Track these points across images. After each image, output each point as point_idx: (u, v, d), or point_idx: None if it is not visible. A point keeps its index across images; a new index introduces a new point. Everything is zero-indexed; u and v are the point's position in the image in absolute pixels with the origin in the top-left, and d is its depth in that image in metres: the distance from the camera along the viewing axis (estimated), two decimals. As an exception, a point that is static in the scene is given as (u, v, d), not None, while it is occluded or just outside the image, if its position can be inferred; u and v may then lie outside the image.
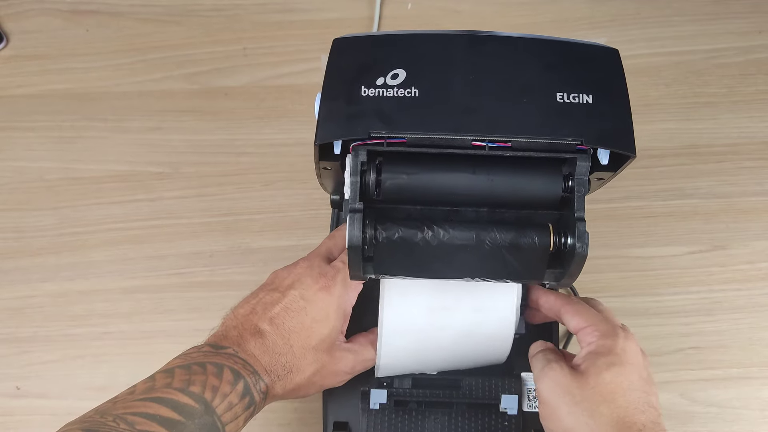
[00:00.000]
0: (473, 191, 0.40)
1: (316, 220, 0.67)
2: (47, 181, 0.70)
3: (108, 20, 0.76)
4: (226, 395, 0.41)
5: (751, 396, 0.62)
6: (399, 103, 0.38)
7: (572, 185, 0.39)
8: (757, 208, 0.69)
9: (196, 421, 0.39)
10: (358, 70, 0.39)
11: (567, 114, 0.38)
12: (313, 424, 0.59)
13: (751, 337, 0.64)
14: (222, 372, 0.42)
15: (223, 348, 0.45)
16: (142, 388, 0.41)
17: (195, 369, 0.42)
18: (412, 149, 0.39)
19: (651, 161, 0.72)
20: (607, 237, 0.68)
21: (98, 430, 0.36)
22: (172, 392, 0.40)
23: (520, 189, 0.40)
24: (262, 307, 0.47)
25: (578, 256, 0.39)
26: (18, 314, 0.65)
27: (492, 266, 0.41)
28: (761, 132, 0.73)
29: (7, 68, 0.74)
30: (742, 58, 0.76)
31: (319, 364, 0.47)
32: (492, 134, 0.38)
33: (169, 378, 0.41)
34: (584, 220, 0.39)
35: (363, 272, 0.41)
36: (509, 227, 0.41)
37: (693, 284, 0.66)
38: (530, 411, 0.51)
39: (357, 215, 0.39)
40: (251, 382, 0.44)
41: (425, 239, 0.40)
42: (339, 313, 0.48)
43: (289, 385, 0.46)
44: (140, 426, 0.37)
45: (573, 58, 0.40)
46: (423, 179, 0.40)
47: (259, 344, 0.45)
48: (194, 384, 0.41)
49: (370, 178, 0.40)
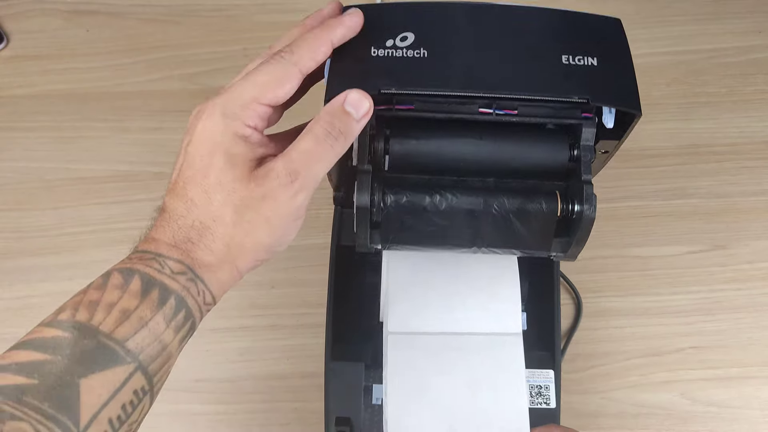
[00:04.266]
0: (480, 158, 0.41)
1: (316, 220, 0.67)
2: (47, 181, 0.70)
3: (108, 20, 0.76)
4: (112, 305, 0.32)
5: (751, 396, 0.62)
6: (408, 63, 0.39)
7: (578, 154, 0.40)
8: (757, 207, 0.69)
9: (67, 352, 0.30)
10: (368, 34, 0.40)
11: (572, 74, 0.39)
12: (314, 424, 0.59)
13: (751, 337, 0.64)
14: (108, 280, 0.33)
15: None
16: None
17: (75, 297, 0.33)
18: (421, 114, 0.40)
19: (651, 161, 0.72)
20: (607, 237, 0.68)
21: None
22: (36, 331, 0.32)
23: (527, 157, 0.41)
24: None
25: (586, 219, 0.39)
26: (18, 314, 0.65)
27: (499, 234, 0.41)
28: (761, 132, 0.73)
29: (7, 68, 0.74)
30: (742, 58, 0.76)
31: (236, 200, 0.35)
32: (499, 92, 0.38)
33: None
34: (591, 183, 0.39)
35: (370, 241, 0.41)
36: (517, 193, 0.41)
37: (693, 284, 0.66)
38: (531, 407, 0.51)
39: (365, 176, 0.39)
40: (154, 269, 0.33)
41: (433, 203, 0.40)
42: (227, 130, 0.35)
43: (216, 247, 0.35)
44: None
45: (577, 25, 0.41)
46: (430, 145, 0.41)
47: (160, 223, 0.35)
48: (64, 311, 0.32)
49: (379, 146, 0.40)
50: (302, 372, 0.61)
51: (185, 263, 0.34)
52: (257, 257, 0.37)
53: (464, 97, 0.39)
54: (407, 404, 0.46)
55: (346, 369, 0.53)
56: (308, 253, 0.66)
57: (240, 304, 0.64)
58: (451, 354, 0.47)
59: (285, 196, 0.35)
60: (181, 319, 0.33)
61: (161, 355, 0.32)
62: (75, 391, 0.29)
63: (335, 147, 0.36)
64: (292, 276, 0.65)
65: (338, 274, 0.56)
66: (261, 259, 0.37)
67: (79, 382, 0.29)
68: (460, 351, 0.47)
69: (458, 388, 0.46)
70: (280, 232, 0.36)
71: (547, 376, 0.55)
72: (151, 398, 0.33)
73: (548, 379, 0.55)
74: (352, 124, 0.36)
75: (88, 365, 0.30)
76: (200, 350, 0.62)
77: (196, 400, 0.60)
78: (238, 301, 0.64)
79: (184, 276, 0.34)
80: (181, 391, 0.60)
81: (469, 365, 0.47)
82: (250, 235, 0.35)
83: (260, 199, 0.35)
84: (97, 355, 0.30)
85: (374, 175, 0.39)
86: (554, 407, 0.53)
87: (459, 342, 0.48)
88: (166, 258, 0.34)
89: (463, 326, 0.48)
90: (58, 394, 0.29)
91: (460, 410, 0.46)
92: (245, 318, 0.63)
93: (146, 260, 0.34)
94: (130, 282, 0.33)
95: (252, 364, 0.61)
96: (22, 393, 0.29)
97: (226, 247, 0.35)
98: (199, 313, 0.35)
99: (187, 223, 0.35)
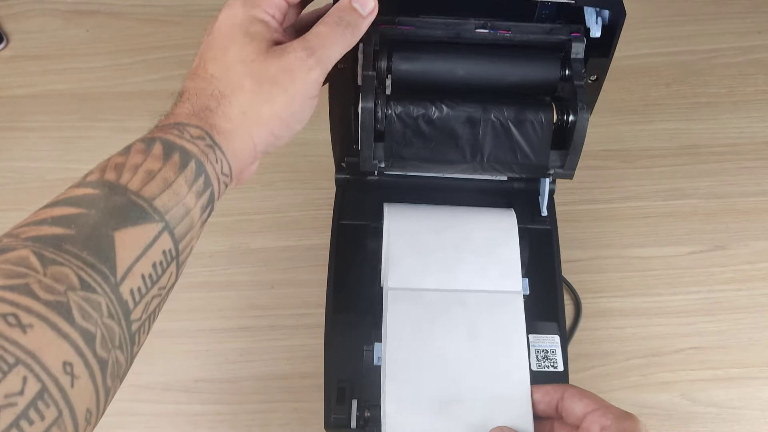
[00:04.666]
0: (478, 76, 0.44)
1: (316, 220, 0.67)
2: (47, 181, 0.70)
3: (108, 20, 0.76)
4: (137, 166, 0.33)
5: (751, 396, 0.62)
6: None
7: (570, 73, 0.43)
8: (757, 208, 0.69)
9: (100, 206, 0.31)
10: None
11: None
12: (314, 424, 0.59)
13: (751, 337, 0.64)
14: (130, 148, 0.34)
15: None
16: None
17: (99, 164, 0.34)
18: (421, 31, 0.43)
19: (651, 161, 0.72)
20: (607, 237, 0.68)
21: None
22: (68, 191, 0.32)
23: (522, 73, 0.44)
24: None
25: (581, 120, 0.41)
26: (18, 314, 0.65)
27: (499, 144, 0.44)
28: (761, 132, 0.73)
29: (7, 68, 0.74)
30: (742, 58, 0.76)
31: (255, 70, 0.37)
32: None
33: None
34: (584, 87, 0.42)
35: (374, 155, 0.43)
36: (514, 103, 0.44)
37: (693, 284, 0.66)
38: (538, 370, 0.51)
39: (370, 80, 0.42)
40: (174, 135, 0.34)
41: (435, 110, 0.43)
42: (246, 14, 0.38)
43: (233, 113, 0.36)
44: (27, 234, 0.30)
45: None
46: (431, 65, 0.44)
47: (179, 103, 0.37)
48: (91, 174, 0.33)
49: (382, 65, 0.43)
50: (302, 372, 0.61)
51: (203, 128, 0.35)
52: (272, 129, 0.38)
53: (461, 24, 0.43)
54: (406, 357, 0.46)
55: (347, 321, 0.53)
56: (308, 254, 0.66)
57: (240, 304, 0.64)
58: (451, 308, 0.48)
59: (301, 70, 0.37)
60: (201, 185, 0.34)
61: (185, 220, 0.33)
62: (110, 243, 0.30)
63: (345, 35, 0.39)
64: (292, 276, 0.65)
65: (339, 247, 0.57)
66: (275, 135, 0.38)
67: (113, 235, 0.30)
68: (460, 306, 0.48)
69: (458, 340, 0.47)
70: (296, 106, 0.38)
71: (553, 341, 0.55)
72: (177, 267, 0.33)
73: (554, 344, 0.55)
74: (359, 19, 0.39)
75: (120, 220, 0.31)
76: (200, 350, 0.62)
77: (196, 401, 0.60)
78: (238, 301, 0.64)
79: (202, 141, 0.35)
80: (181, 392, 0.60)
81: (470, 319, 0.47)
82: (267, 103, 0.37)
83: (278, 71, 0.37)
84: (128, 210, 0.31)
85: (378, 89, 0.43)
86: (562, 370, 0.53)
87: (459, 298, 0.48)
88: (185, 125, 0.35)
89: (463, 284, 0.49)
90: (95, 244, 0.29)
91: (460, 362, 0.46)
92: (245, 318, 0.63)
93: (166, 129, 0.35)
94: (152, 147, 0.33)
95: (252, 365, 0.61)
96: (61, 241, 0.29)
97: (243, 114, 0.36)
98: (217, 184, 0.35)
99: (206, 94, 0.36)
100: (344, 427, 0.48)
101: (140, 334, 0.32)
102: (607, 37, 0.44)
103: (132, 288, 0.30)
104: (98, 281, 0.29)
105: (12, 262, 0.28)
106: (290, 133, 0.39)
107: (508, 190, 0.59)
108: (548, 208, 0.57)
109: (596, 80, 0.46)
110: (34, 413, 0.25)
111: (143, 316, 0.31)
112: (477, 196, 0.57)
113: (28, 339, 0.26)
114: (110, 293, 0.29)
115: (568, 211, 0.68)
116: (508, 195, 0.59)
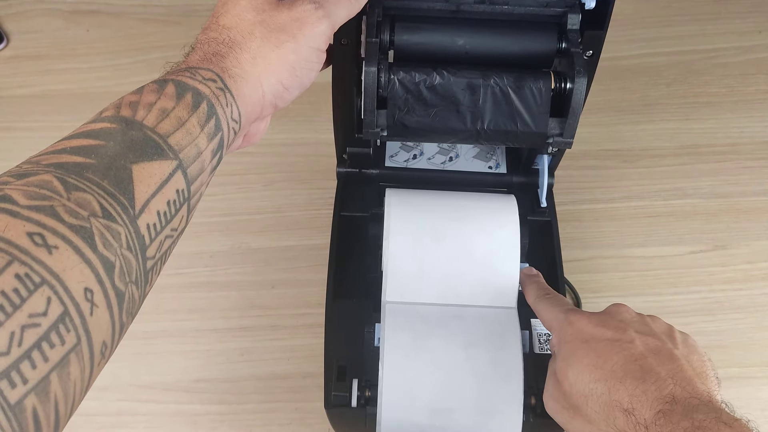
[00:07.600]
0: (477, 48, 0.45)
1: (316, 220, 0.67)
2: (47, 181, 0.70)
3: (108, 20, 0.76)
4: (151, 104, 0.33)
5: (751, 396, 0.62)
6: None
7: (566, 46, 0.45)
8: (758, 208, 0.69)
9: (118, 138, 0.31)
10: None
11: None
12: (315, 424, 0.59)
13: (751, 337, 0.64)
14: (143, 88, 0.35)
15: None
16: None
17: (113, 102, 0.35)
18: (423, 3, 0.45)
19: (652, 161, 0.72)
20: (607, 237, 0.68)
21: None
22: (84, 126, 0.33)
23: (520, 46, 0.46)
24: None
25: (578, 83, 0.42)
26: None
27: (499, 110, 0.44)
28: (762, 132, 0.73)
29: (7, 68, 0.74)
30: (742, 58, 0.76)
31: (266, 17, 0.38)
32: None
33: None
34: (581, 53, 0.43)
35: (376, 122, 0.44)
36: (513, 71, 0.45)
37: (694, 284, 0.66)
38: (541, 353, 0.51)
39: (373, 46, 0.43)
40: (186, 77, 0.35)
41: (436, 76, 0.44)
42: None
43: (243, 58, 0.37)
44: (48, 160, 0.30)
45: None
46: (431, 34, 0.45)
47: (196, 50, 0.38)
48: (106, 110, 0.33)
49: (385, 37, 0.44)
50: (302, 372, 0.61)
51: (214, 71, 0.36)
52: (281, 78, 0.38)
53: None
54: (403, 369, 0.46)
55: (347, 305, 0.53)
56: (308, 254, 0.66)
57: (240, 304, 0.64)
58: (447, 320, 0.48)
59: (311, 20, 0.38)
60: (213, 127, 0.34)
61: (197, 161, 0.33)
62: (129, 175, 0.30)
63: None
64: (292, 276, 0.65)
65: (340, 236, 0.57)
66: (284, 84, 0.39)
67: (131, 167, 0.30)
68: (456, 318, 0.48)
69: (454, 348, 0.47)
70: (304, 53, 0.39)
71: None
72: (188, 211, 0.33)
73: None
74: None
75: (137, 153, 0.31)
76: (201, 350, 0.62)
77: (196, 401, 0.60)
78: (239, 301, 0.64)
79: (214, 83, 0.35)
80: (181, 392, 0.60)
81: (466, 330, 0.48)
82: (276, 49, 0.38)
83: (288, 20, 0.38)
84: (144, 145, 0.31)
85: (381, 57, 0.44)
86: None
87: (455, 311, 0.49)
88: (196, 69, 0.36)
89: (461, 300, 0.49)
90: (115, 175, 0.29)
91: (455, 370, 0.46)
92: (246, 318, 0.63)
93: (177, 72, 0.35)
94: (164, 87, 0.34)
95: (252, 365, 0.61)
96: (83, 169, 0.29)
97: (253, 59, 0.37)
98: (227, 129, 0.36)
99: (217, 42, 0.37)
100: (344, 405, 0.47)
101: (153, 273, 0.31)
102: (601, 7, 0.45)
103: (148, 223, 0.30)
104: (118, 211, 0.29)
105: (35, 185, 0.28)
106: (298, 83, 0.39)
107: (508, 184, 0.59)
108: (547, 200, 0.58)
109: (592, 56, 0.47)
110: (55, 336, 0.24)
111: (157, 254, 0.31)
112: (477, 190, 0.57)
113: (54, 260, 0.25)
114: (129, 224, 0.29)
115: (568, 211, 0.68)
116: (509, 188, 0.59)
